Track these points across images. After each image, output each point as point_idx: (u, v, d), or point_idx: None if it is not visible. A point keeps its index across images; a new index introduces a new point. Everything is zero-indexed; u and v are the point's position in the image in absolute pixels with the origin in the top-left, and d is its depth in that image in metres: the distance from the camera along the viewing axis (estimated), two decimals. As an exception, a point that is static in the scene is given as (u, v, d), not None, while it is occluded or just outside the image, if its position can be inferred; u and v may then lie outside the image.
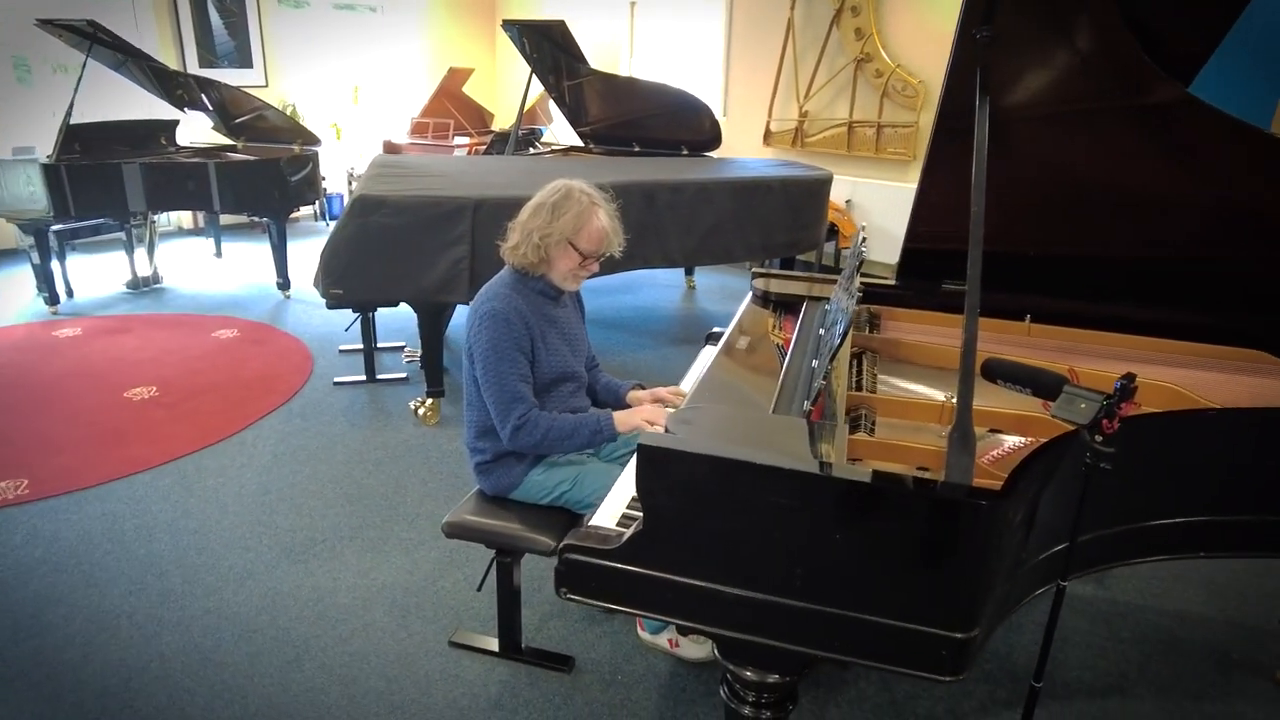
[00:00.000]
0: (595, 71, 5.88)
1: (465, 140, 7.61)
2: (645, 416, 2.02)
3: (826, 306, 2.35)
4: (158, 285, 5.72)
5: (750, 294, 2.59)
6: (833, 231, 6.06)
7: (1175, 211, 2.15)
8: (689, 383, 2.41)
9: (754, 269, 2.62)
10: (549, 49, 5.70)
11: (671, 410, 2.15)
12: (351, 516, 2.94)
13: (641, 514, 1.43)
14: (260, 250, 6.71)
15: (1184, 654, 2.38)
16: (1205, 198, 2.10)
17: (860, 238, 2.15)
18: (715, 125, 5.82)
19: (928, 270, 2.54)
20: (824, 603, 1.38)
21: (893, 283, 2.54)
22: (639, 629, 2.34)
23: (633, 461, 1.86)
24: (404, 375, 4.24)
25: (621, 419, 2.04)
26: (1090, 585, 2.65)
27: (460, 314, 5.11)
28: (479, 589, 2.42)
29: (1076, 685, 2.23)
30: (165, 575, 2.58)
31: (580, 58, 5.78)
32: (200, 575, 2.59)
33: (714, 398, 1.77)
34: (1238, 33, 1.86)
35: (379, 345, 4.28)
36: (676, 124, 5.93)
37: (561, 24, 5.55)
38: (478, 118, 8.20)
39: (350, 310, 3.95)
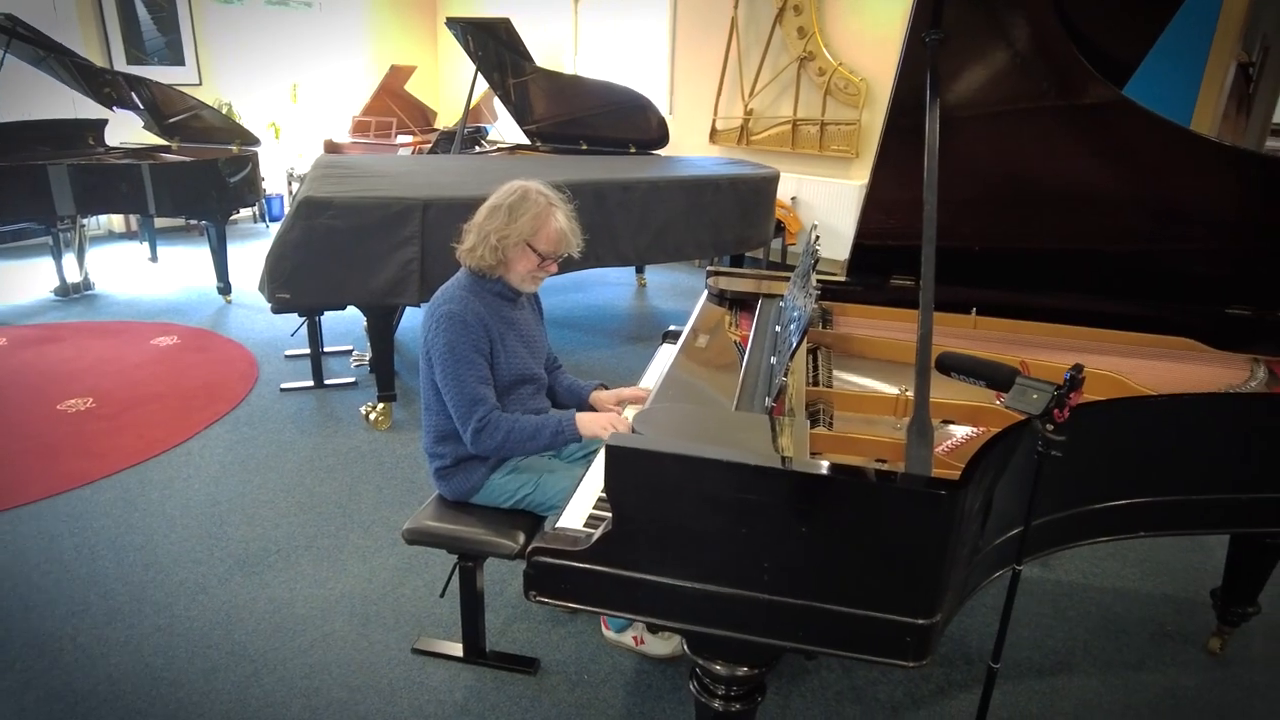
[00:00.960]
0: (541, 69, 5.86)
1: (408, 139, 7.50)
2: (607, 423, 2.01)
3: (781, 304, 2.39)
4: (89, 292, 5.49)
5: (705, 292, 2.61)
6: (779, 229, 6.15)
7: (1109, 207, 2.25)
8: (649, 381, 2.43)
9: (709, 267, 2.65)
10: (494, 47, 5.65)
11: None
12: (305, 525, 2.88)
13: (610, 514, 1.44)
14: (197, 254, 6.50)
15: (1124, 629, 2.49)
16: (1136, 193, 2.20)
17: (813, 235, 2.19)
18: (662, 124, 5.85)
19: (877, 266, 2.60)
20: (791, 595, 1.40)
21: (843, 279, 2.60)
22: (603, 628, 2.34)
23: (598, 462, 1.88)
24: (352, 380, 4.16)
25: (584, 422, 2.04)
26: (1037, 568, 2.75)
27: (409, 316, 5.05)
28: (442, 595, 2.40)
29: (1027, 664, 2.32)
30: (110, 594, 2.49)
31: (526, 55, 5.74)
32: (148, 592, 2.50)
33: (677, 396, 1.78)
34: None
35: (326, 350, 4.19)
36: (624, 122, 5.94)
37: (506, 22, 5.51)
38: (420, 116, 8.08)
39: (297, 315, 3.87)
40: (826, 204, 6.34)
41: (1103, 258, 2.39)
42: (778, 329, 2.16)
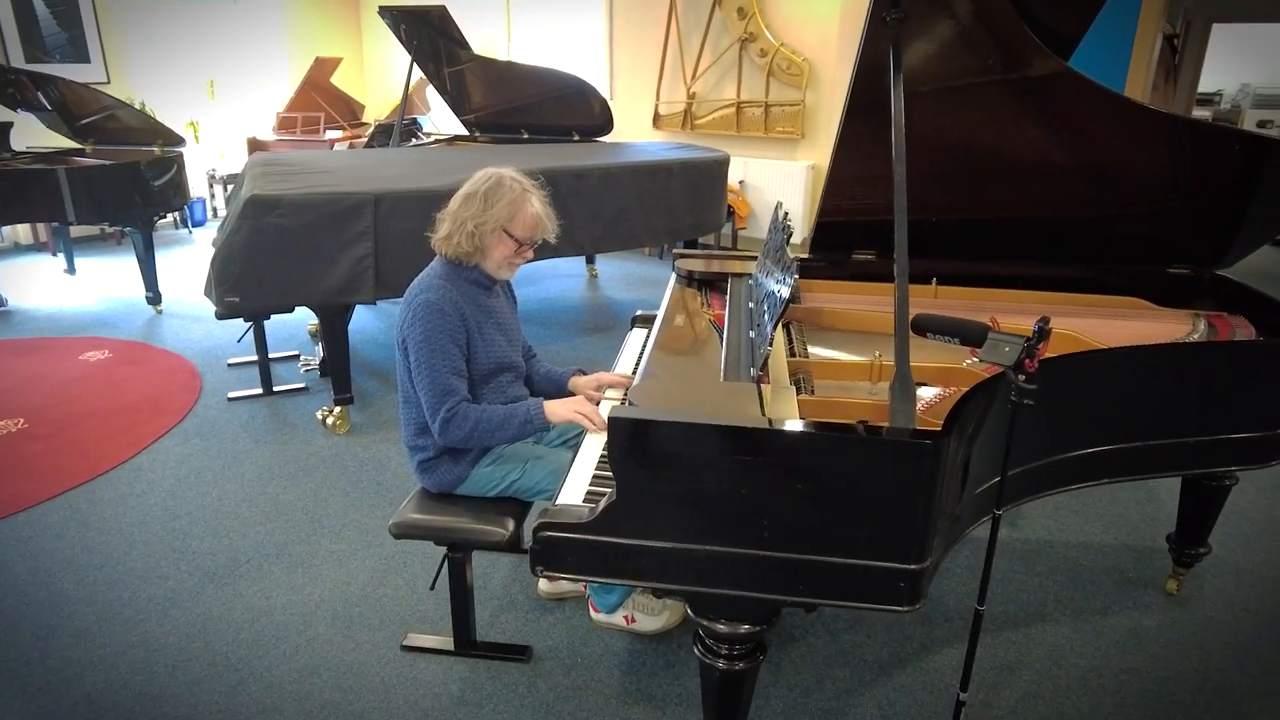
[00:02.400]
0: (478, 57, 5.89)
1: (338, 134, 7.44)
2: (576, 408, 2.09)
3: (751, 281, 2.53)
4: (2, 308, 5.32)
5: (674, 275, 2.73)
6: (729, 213, 6.32)
7: (1057, 176, 2.45)
8: (624, 365, 2.54)
9: (676, 250, 2.77)
10: (428, 35, 5.66)
11: (610, 400, 2.27)
12: (273, 534, 2.90)
13: (611, 486, 1.55)
14: (118, 264, 6.36)
15: (1090, 578, 2.71)
16: (1081, 162, 2.40)
17: (782, 212, 2.32)
18: (606, 109, 5.95)
19: (838, 242, 2.77)
20: (790, 550, 1.54)
21: (806, 256, 2.75)
22: (591, 611, 2.44)
23: (587, 442, 1.99)
24: (302, 385, 4.16)
25: (552, 409, 2.11)
26: (1007, 528, 2.96)
27: (359, 317, 5.05)
28: (432, 587, 2.47)
29: (1003, 617, 2.51)
30: (76, 615, 2.49)
31: (462, 43, 5.77)
32: (116, 610, 2.51)
33: (665, 371, 1.90)
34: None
35: (271, 356, 4.17)
36: (566, 109, 6.02)
37: (441, 8, 5.53)
38: (348, 110, 8.02)
39: (243, 320, 3.85)
40: (775, 186, 6.54)
41: (1053, 225, 2.60)
42: (751, 305, 2.30)
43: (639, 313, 2.88)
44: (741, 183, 6.63)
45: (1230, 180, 2.34)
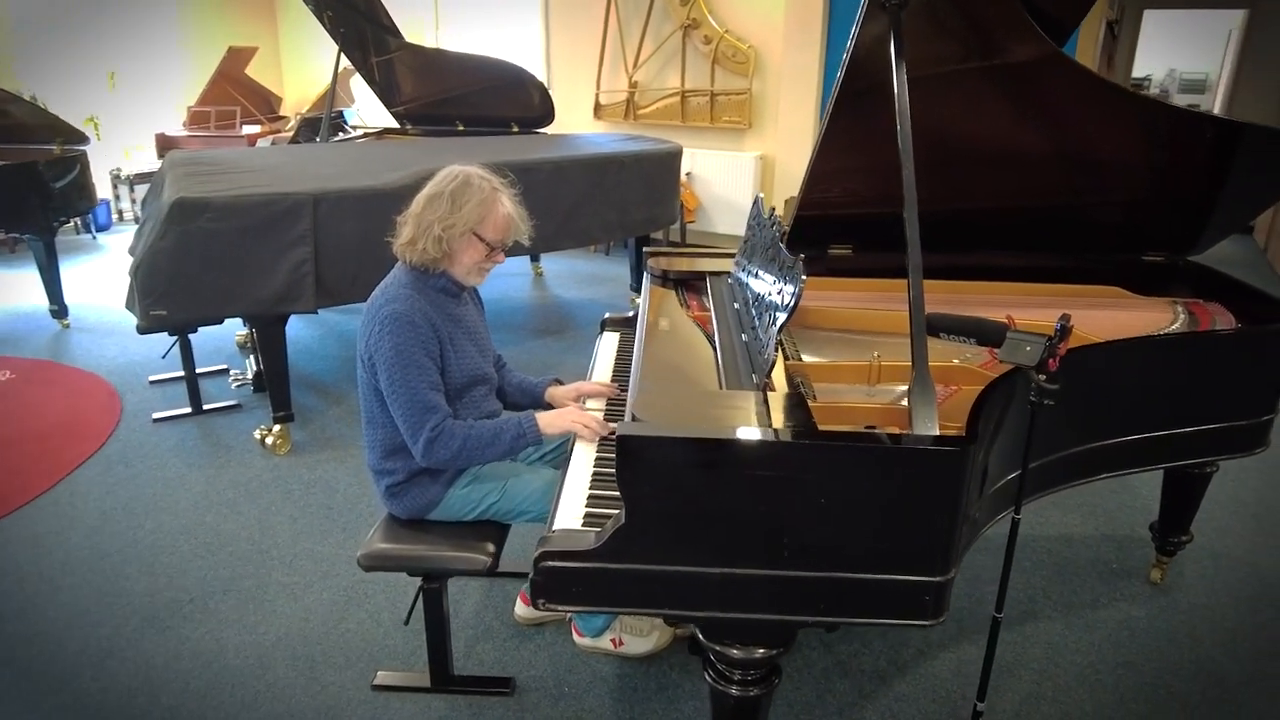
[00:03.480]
0: (409, 45, 5.73)
1: (256, 128, 7.14)
2: (574, 419, 2.03)
3: (731, 280, 2.48)
4: (-119, 328, 4.93)
5: (648, 275, 2.67)
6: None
7: (1037, 164, 2.47)
8: (601, 373, 2.47)
9: (648, 249, 2.71)
10: (355, 21, 5.46)
11: (595, 408, 2.20)
12: (218, 568, 2.73)
13: (620, 508, 1.48)
14: (17, 275, 5.95)
15: (1075, 571, 2.76)
16: (1061, 149, 2.43)
17: (770, 208, 2.27)
18: (546, 99, 5.85)
19: (815, 238, 2.74)
20: (811, 568, 1.49)
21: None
22: (575, 635, 2.36)
23: (576, 457, 1.91)
24: (235, 402, 3.96)
25: (546, 421, 2.04)
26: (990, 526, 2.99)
27: (289, 325, 4.82)
28: (406, 622, 2.34)
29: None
30: (-5, 673, 2.29)
31: (391, 30, 5.59)
32: (40, 667, 2.31)
33: (662, 381, 1.83)
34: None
35: (199, 371, 3.95)
36: (503, 99, 5.90)
37: (369, -7, 5.34)
38: (265, 103, 7.72)
39: (167, 334, 3.63)
40: (723, 177, 6.54)
41: (1032, 213, 2.62)
42: (737, 306, 2.25)
43: (608, 315, 2.81)
44: (689, 175, 6.60)
45: (1203, 165, 2.40)
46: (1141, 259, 2.68)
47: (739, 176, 6.45)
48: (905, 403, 1.87)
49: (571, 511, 1.70)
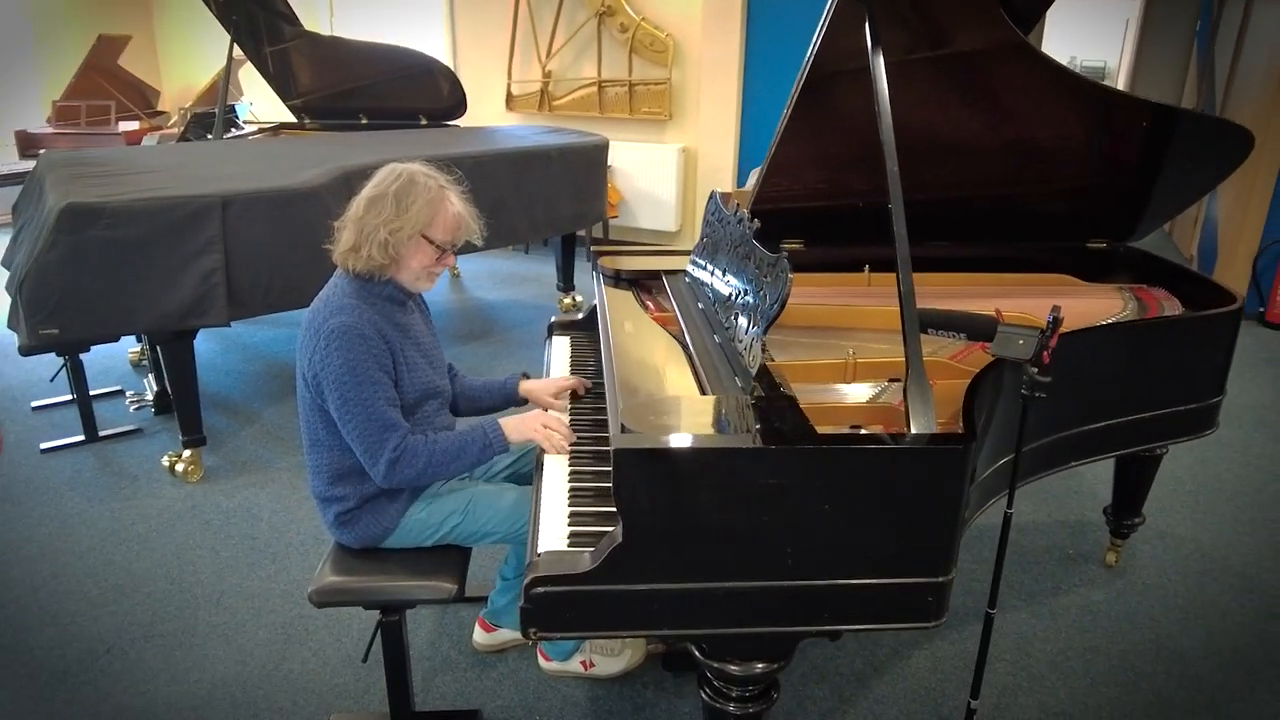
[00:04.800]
0: (307, 33, 5.53)
1: (134, 125, 6.73)
2: (537, 427, 1.98)
3: (689, 280, 2.46)
4: None
5: (598, 275, 2.62)
6: (600, 200, 6.25)
7: (984, 152, 2.54)
8: (556, 374, 2.41)
9: (595, 248, 2.66)
10: (246, 7, 5.21)
11: (562, 409, 2.15)
12: (133, 613, 2.55)
13: (613, 525, 1.44)
14: None
15: (1034, 559, 2.86)
16: (1006, 138, 2.51)
17: (734, 205, 2.25)
18: (457, 90, 5.75)
19: (768, 232, 2.75)
20: (815, 577, 1.49)
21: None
22: (541, 660, 2.31)
23: (546, 474, 1.86)
24: (134, 427, 3.71)
25: (512, 427, 1.98)
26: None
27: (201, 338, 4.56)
28: (364, 660, 2.23)
29: (963, 610, 2.60)
30: (-120, 750, 2.07)
31: (288, 17, 5.39)
32: (-63, 737, 2.11)
33: (642, 389, 1.79)
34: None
35: (91, 393, 3.69)
36: (411, 90, 5.75)
37: (262, -22, 5.10)
38: (140, 97, 7.29)
39: (55, 354, 3.38)
40: (644, 171, 6.52)
41: (979, 203, 2.70)
42: (701, 307, 2.23)
43: (555, 319, 2.76)
44: (610, 168, 6.56)
45: (1143, 150, 2.52)
46: (1085, 246, 2.80)
47: (662, 170, 6.45)
48: (885, 400, 1.91)
49: (554, 532, 1.64)
